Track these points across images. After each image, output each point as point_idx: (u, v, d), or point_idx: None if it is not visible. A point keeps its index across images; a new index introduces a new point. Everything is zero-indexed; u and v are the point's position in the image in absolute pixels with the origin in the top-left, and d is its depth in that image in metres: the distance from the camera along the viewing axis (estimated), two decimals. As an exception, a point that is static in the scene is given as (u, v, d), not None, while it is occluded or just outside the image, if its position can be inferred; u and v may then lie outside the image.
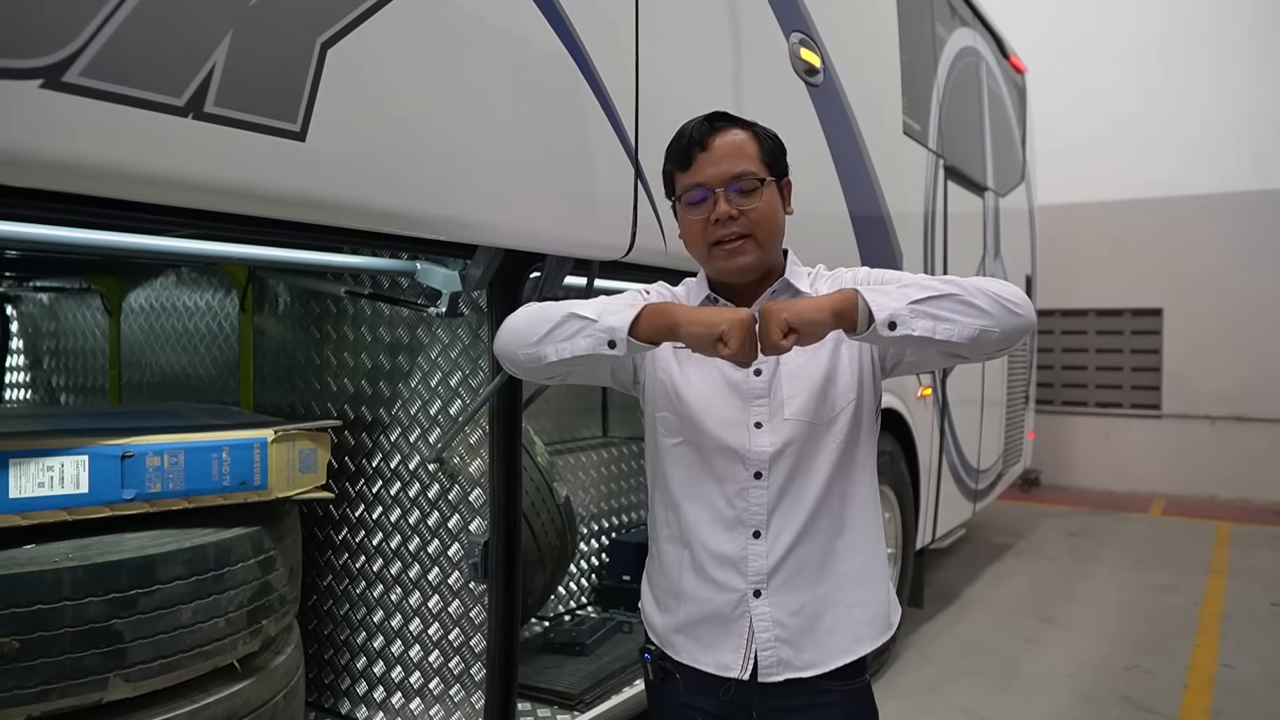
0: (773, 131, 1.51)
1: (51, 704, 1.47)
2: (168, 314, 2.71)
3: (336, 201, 1.33)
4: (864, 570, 1.50)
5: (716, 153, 1.43)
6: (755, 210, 1.41)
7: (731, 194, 1.42)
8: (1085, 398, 9.27)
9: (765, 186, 1.43)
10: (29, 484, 1.55)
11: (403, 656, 2.10)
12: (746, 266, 1.44)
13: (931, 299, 1.28)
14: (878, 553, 1.53)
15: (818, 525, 1.46)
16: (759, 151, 1.45)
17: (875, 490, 1.54)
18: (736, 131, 1.45)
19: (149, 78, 1.05)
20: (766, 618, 1.45)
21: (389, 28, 1.35)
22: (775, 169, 1.46)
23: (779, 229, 1.47)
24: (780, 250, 1.51)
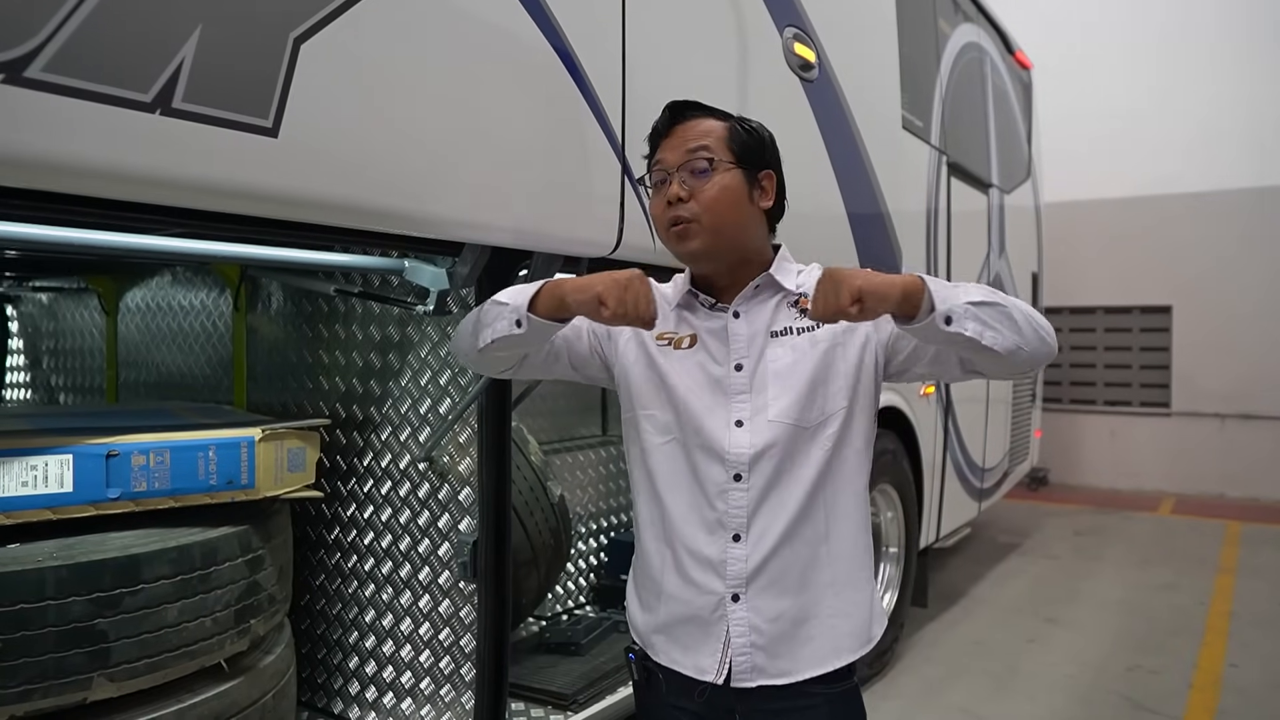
0: (756, 125, 1.49)
1: (35, 704, 1.47)
2: (163, 313, 2.71)
3: (311, 198, 1.32)
4: (848, 580, 1.47)
5: (677, 137, 1.44)
6: (704, 193, 1.40)
7: (684, 176, 1.42)
8: (1093, 396, 9.21)
9: (720, 170, 1.41)
10: (12, 483, 1.55)
11: (394, 656, 2.09)
12: (694, 251, 1.43)
13: (983, 304, 1.26)
14: (863, 563, 1.50)
15: (800, 532, 1.43)
16: (725, 139, 1.43)
17: (865, 499, 1.51)
18: (704, 120, 1.45)
19: (115, 73, 1.04)
20: (743, 623, 1.43)
21: (366, 24, 1.34)
22: (744, 158, 1.44)
23: (736, 217, 1.43)
24: (750, 241, 1.47)
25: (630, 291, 1.30)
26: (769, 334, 1.46)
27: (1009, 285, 5.71)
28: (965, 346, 1.28)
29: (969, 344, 1.26)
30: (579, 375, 1.60)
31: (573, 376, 1.61)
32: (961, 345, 1.28)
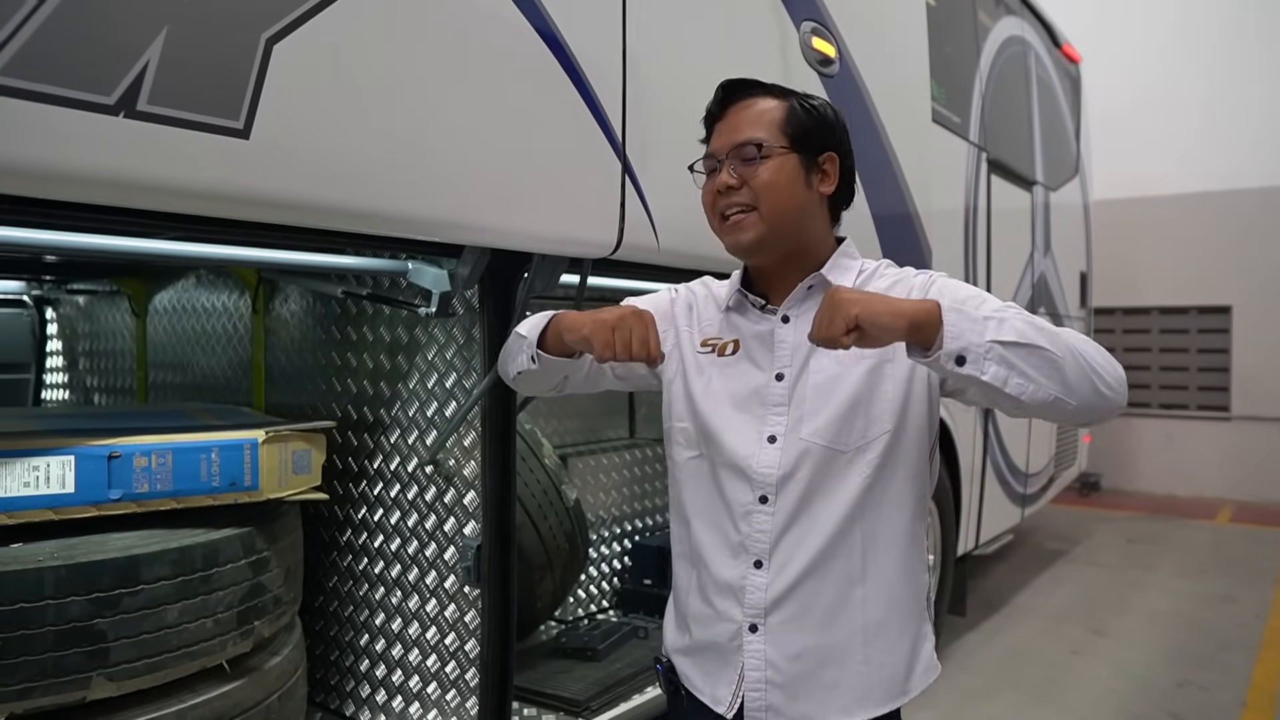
0: (819, 104, 1.38)
1: (34, 701, 1.48)
2: (188, 315, 2.75)
3: (286, 200, 1.31)
4: (885, 626, 1.33)
5: (729, 121, 1.37)
6: (757, 179, 1.31)
7: (734, 163, 1.34)
8: (1148, 399, 8.93)
9: (774, 155, 1.32)
10: (14, 484, 1.56)
11: (401, 660, 2.09)
12: (747, 244, 1.34)
13: (1016, 345, 1.11)
14: (909, 610, 1.35)
15: (830, 566, 1.31)
16: (781, 120, 1.34)
17: (914, 538, 1.36)
18: (759, 100, 1.37)
19: (76, 76, 1.04)
20: (759, 656, 1.34)
21: (345, 23, 1.33)
22: (801, 142, 1.34)
23: (792, 202, 1.33)
24: (808, 229, 1.37)
25: (620, 332, 1.25)
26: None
27: (1054, 285, 5.55)
28: (988, 392, 1.14)
29: (989, 390, 1.13)
30: (628, 386, 1.57)
31: (623, 388, 1.58)
32: (983, 390, 1.14)
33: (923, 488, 1.37)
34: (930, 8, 3.65)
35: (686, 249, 2.13)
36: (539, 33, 1.68)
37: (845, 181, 1.41)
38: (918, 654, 1.36)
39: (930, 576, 4.02)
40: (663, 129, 2.04)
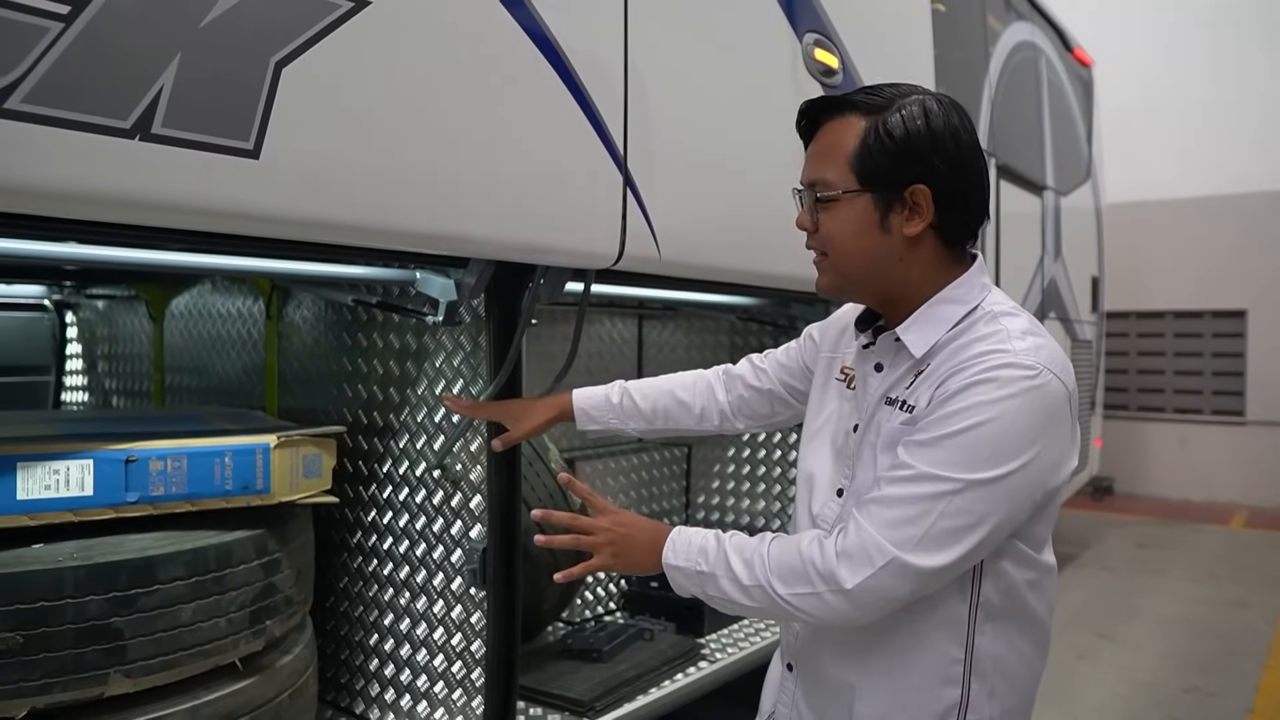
0: (905, 123, 1.17)
1: (54, 697, 1.54)
2: (204, 320, 2.81)
3: (295, 217, 1.36)
4: (870, 715, 1.25)
5: (813, 148, 1.27)
6: (824, 227, 1.23)
7: (809, 202, 1.26)
8: (1162, 403, 8.90)
9: (840, 202, 1.20)
10: (36, 486, 1.62)
11: (409, 659, 2.13)
12: (825, 288, 1.28)
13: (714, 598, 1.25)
14: (910, 708, 1.23)
15: (838, 644, 1.28)
16: (851, 155, 1.19)
17: (942, 632, 1.22)
18: (836, 123, 1.22)
19: (94, 102, 1.09)
20: (789, 693, 1.37)
21: (352, 46, 1.38)
22: (876, 178, 1.18)
23: (861, 255, 1.21)
24: (892, 275, 1.23)
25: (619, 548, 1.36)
26: (884, 399, 1.25)
27: (1065, 289, 5.55)
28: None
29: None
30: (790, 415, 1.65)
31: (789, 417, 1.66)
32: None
33: (954, 609, 1.20)
34: (938, 14, 3.67)
35: (687, 259, 2.18)
36: (542, 50, 1.72)
37: (953, 208, 1.21)
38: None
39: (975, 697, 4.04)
40: (664, 143, 2.08)
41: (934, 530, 1.10)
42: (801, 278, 2.75)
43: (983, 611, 1.21)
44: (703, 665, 2.71)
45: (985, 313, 1.21)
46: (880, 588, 1.12)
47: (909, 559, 1.10)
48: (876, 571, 1.11)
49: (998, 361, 1.13)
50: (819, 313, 3.16)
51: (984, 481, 1.10)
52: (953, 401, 1.13)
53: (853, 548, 1.13)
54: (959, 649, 1.21)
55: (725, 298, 3.01)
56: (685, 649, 2.74)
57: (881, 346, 1.28)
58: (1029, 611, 1.25)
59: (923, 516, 1.10)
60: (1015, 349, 1.14)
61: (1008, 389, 1.11)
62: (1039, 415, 1.12)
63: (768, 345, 3.40)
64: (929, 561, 1.10)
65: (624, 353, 3.73)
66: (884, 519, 1.12)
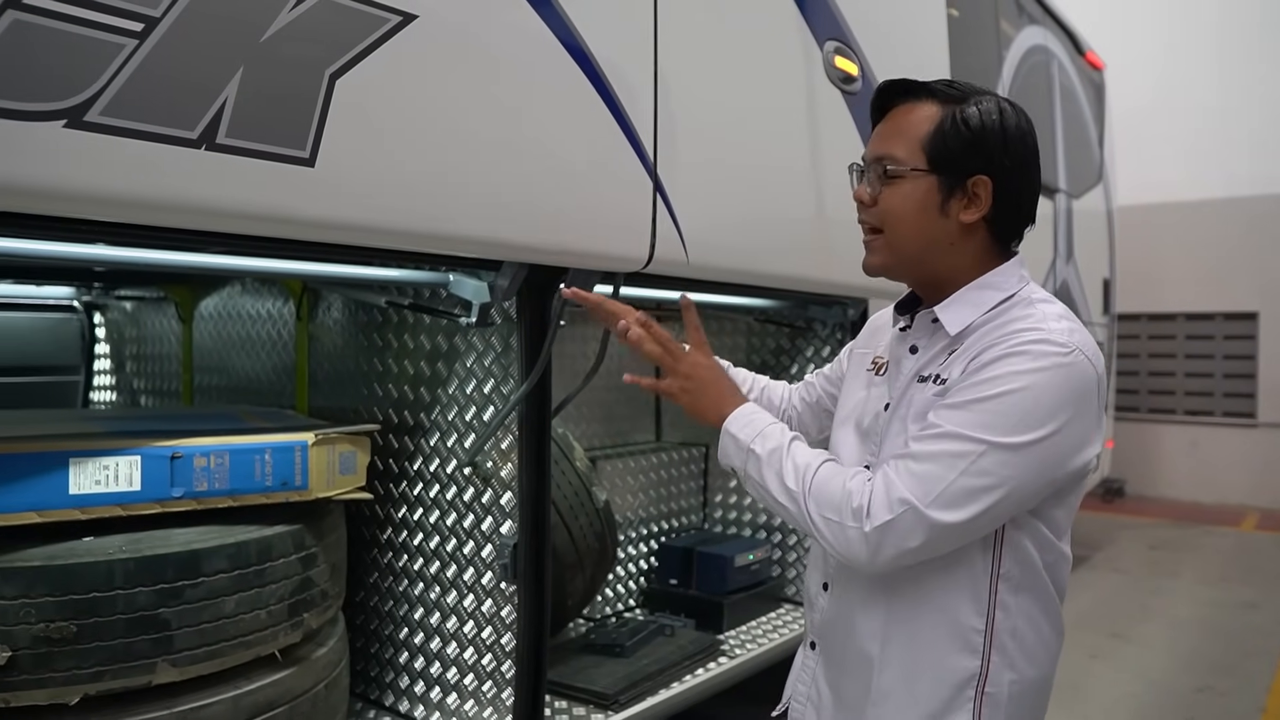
0: (980, 115, 1.23)
1: (105, 684, 1.59)
2: (233, 321, 2.87)
3: (348, 223, 1.41)
4: (891, 690, 1.28)
5: (883, 126, 1.30)
6: (884, 202, 1.26)
7: (872, 176, 1.28)
8: (1173, 405, 8.91)
9: (905, 179, 1.24)
10: (87, 481, 1.68)
11: (440, 653, 2.18)
12: (874, 266, 1.31)
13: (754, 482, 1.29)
14: (927, 683, 1.26)
15: (862, 612, 1.30)
16: (925, 137, 1.24)
17: (964, 601, 1.25)
18: (918, 106, 1.26)
19: (164, 114, 1.14)
20: (810, 671, 1.39)
21: (398, 58, 1.43)
22: (945, 163, 1.23)
23: (918, 236, 1.26)
24: (940, 260, 1.28)
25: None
26: (917, 376, 1.29)
27: (1076, 292, 5.58)
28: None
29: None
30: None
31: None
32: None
33: (968, 558, 1.24)
34: (952, 19, 3.71)
35: (714, 262, 2.23)
36: (576, 61, 1.78)
37: (1009, 203, 1.27)
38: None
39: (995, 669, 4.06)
40: (692, 148, 2.13)
41: (954, 487, 1.14)
42: (822, 280, 2.82)
43: (1004, 584, 1.24)
44: (722, 661, 2.75)
45: (1022, 299, 1.27)
46: (896, 534, 1.15)
47: (927, 511, 1.14)
48: (895, 519, 1.15)
49: (1032, 337, 1.18)
50: (836, 315, 3.21)
51: (1007, 446, 1.14)
52: (986, 370, 1.18)
53: (878, 494, 1.17)
54: (980, 619, 1.24)
55: (743, 299, 3.06)
56: (705, 645, 2.79)
57: (918, 328, 1.33)
58: (1047, 591, 1.29)
59: (945, 473, 1.14)
60: (1051, 328, 1.19)
61: (1040, 362, 1.16)
62: (1067, 391, 1.16)
63: (784, 346, 3.47)
64: (945, 516, 1.14)
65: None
66: (909, 471, 1.16)
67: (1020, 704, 1.27)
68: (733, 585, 3.09)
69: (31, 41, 1.05)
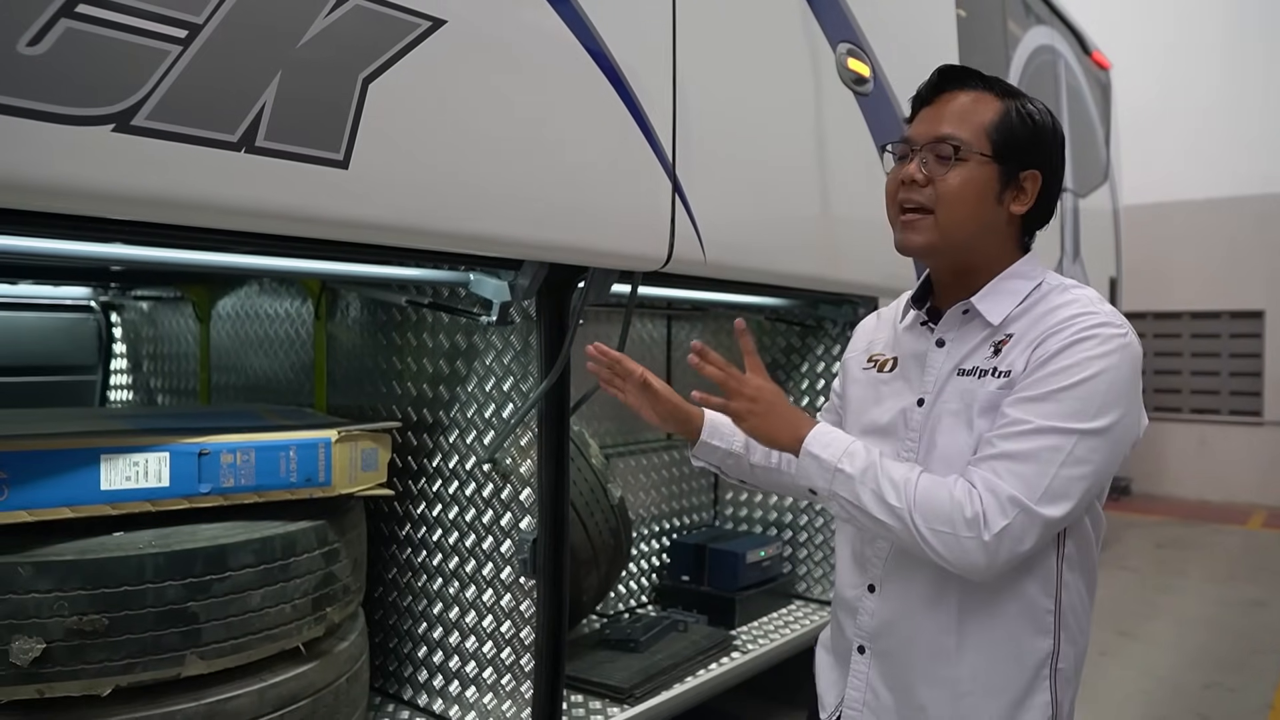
0: (1038, 112, 1.28)
1: (135, 676, 1.62)
2: (251, 320, 2.90)
3: (379, 223, 1.44)
4: (969, 683, 1.28)
5: (936, 108, 1.29)
6: (944, 183, 1.25)
7: (927, 156, 1.27)
8: (1179, 403, 8.92)
9: (969, 162, 1.24)
10: (118, 477, 1.71)
11: (459, 646, 2.21)
12: (917, 246, 1.29)
13: (849, 503, 1.24)
14: (1006, 673, 1.27)
15: (927, 611, 1.30)
16: (989, 124, 1.25)
17: (1026, 600, 1.26)
18: (976, 93, 1.28)
19: (206, 118, 1.18)
20: (862, 677, 1.38)
21: (427, 62, 1.46)
22: (1006, 153, 1.25)
23: (974, 218, 1.26)
24: (984, 247, 1.30)
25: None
26: (957, 370, 1.30)
27: (1084, 291, 5.60)
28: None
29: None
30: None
31: None
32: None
33: (1046, 561, 1.26)
34: (960, 19, 3.73)
35: (730, 261, 2.26)
36: (597, 64, 1.81)
37: (1045, 200, 1.31)
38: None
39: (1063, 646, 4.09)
40: (709, 150, 2.17)
41: (1057, 480, 1.16)
42: (834, 279, 2.84)
43: (1066, 563, 1.28)
44: (735, 656, 2.78)
45: (1053, 286, 1.30)
46: (1013, 538, 1.16)
47: (1038, 509, 1.15)
48: (1010, 523, 1.15)
49: (1093, 322, 1.21)
50: (846, 314, 3.23)
51: (1095, 431, 1.17)
52: (1058, 359, 1.19)
53: (989, 500, 1.16)
54: (1050, 600, 1.27)
55: (755, 298, 3.09)
56: (718, 640, 2.82)
57: (946, 323, 1.34)
58: (1091, 564, 1.33)
59: (1046, 468, 1.16)
60: (1103, 311, 1.23)
61: (1108, 345, 1.19)
62: (1131, 370, 1.21)
63: (794, 345, 3.49)
64: (1053, 511, 1.16)
65: (653, 353, 3.80)
66: (1010, 471, 1.17)
67: (1078, 674, 1.32)
68: (744, 581, 3.12)
69: (82, 49, 1.08)
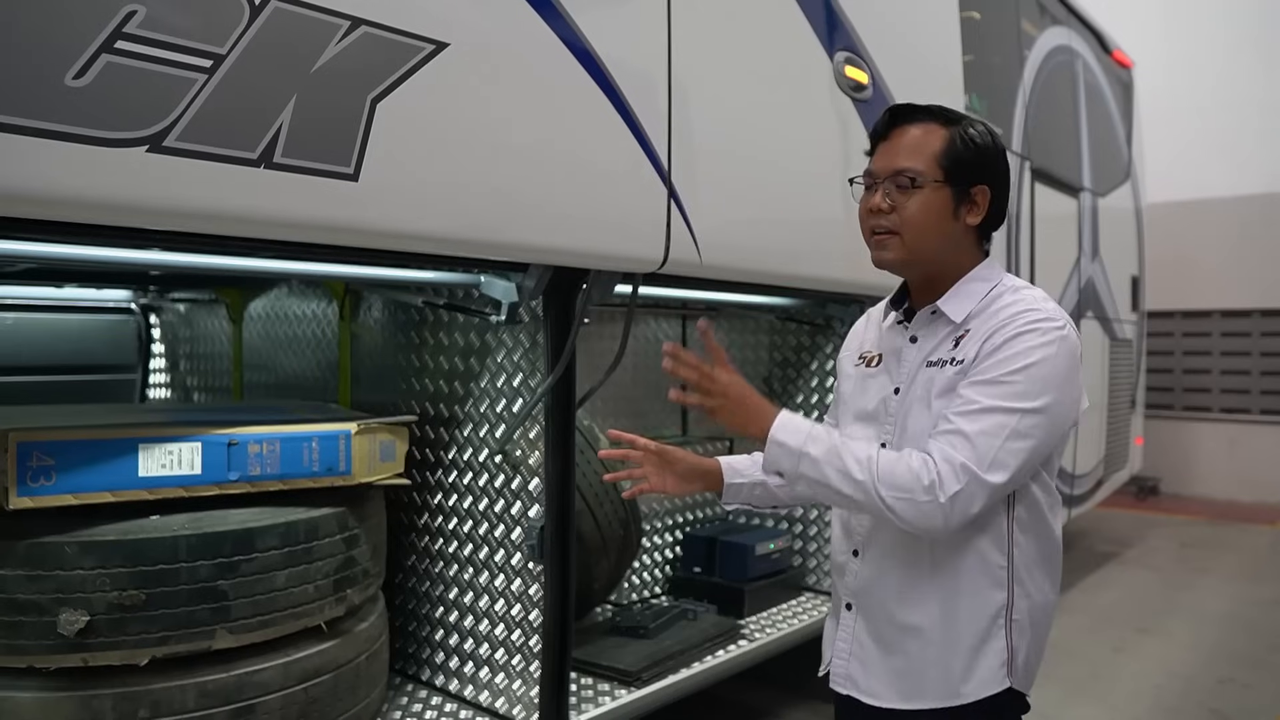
0: (979, 135, 1.46)
1: (170, 648, 1.76)
2: (281, 321, 3.05)
3: (388, 230, 1.57)
4: (935, 631, 1.47)
5: (892, 143, 1.47)
6: (905, 209, 1.44)
7: (889, 187, 1.45)
8: (1209, 403, 8.82)
9: (925, 188, 1.43)
10: (154, 465, 1.85)
11: (472, 629, 2.33)
12: (887, 262, 1.49)
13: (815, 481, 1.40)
14: (969, 620, 1.46)
15: (903, 569, 1.49)
16: (938, 152, 1.44)
17: (982, 558, 1.45)
18: (924, 125, 1.46)
19: (229, 138, 1.31)
20: (849, 629, 1.57)
21: (432, 82, 1.59)
22: (956, 174, 1.44)
23: (935, 235, 1.45)
24: (947, 256, 1.48)
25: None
26: (926, 362, 1.48)
27: (1103, 289, 5.61)
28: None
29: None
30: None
31: None
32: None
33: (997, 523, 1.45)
34: (972, 22, 3.80)
35: (726, 263, 2.37)
36: (596, 80, 1.94)
37: (996, 209, 1.50)
38: (975, 664, 1.45)
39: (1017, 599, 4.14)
40: (704, 159, 2.29)
41: (1001, 451, 1.34)
42: (832, 279, 2.93)
43: (1017, 525, 1.46)
44: (742, 644, 2.87)
45: (1006, 287, 1.49)
46: (964, 500, 1.34)
47: (985, 475, 1.34)
48: (962, 488, 1.33)
49: (1035, 317, 1.40)
50: (853, 313, 3.31)
51: (1035, 410, 1.36)
52: (1004, 349, 1.39)
53: (943, 468, 1.35)
54: (1002, 556, 1.46)
55: (764, 298, 3.18)
56: (726, 628, 2.91)
57: (917, 322, 1.53)
58: (1047, 527, 1.50)
59: (994, 440, 1.35)
60: (1045, 308, 1.42)
61: (1047, 337, 1.39)
62: (1067, 358, 1.40)
63: (804, 344, 3.58)
64: (998, 477, 1.35)
65: (667, 351, 3.91)
66: (965, 443, 1.35)
67: (1036, 626, 1.49)
68: (753, 573, 3.21)
69: (120, 80, 1.21)
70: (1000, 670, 1.46)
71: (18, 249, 1.50)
